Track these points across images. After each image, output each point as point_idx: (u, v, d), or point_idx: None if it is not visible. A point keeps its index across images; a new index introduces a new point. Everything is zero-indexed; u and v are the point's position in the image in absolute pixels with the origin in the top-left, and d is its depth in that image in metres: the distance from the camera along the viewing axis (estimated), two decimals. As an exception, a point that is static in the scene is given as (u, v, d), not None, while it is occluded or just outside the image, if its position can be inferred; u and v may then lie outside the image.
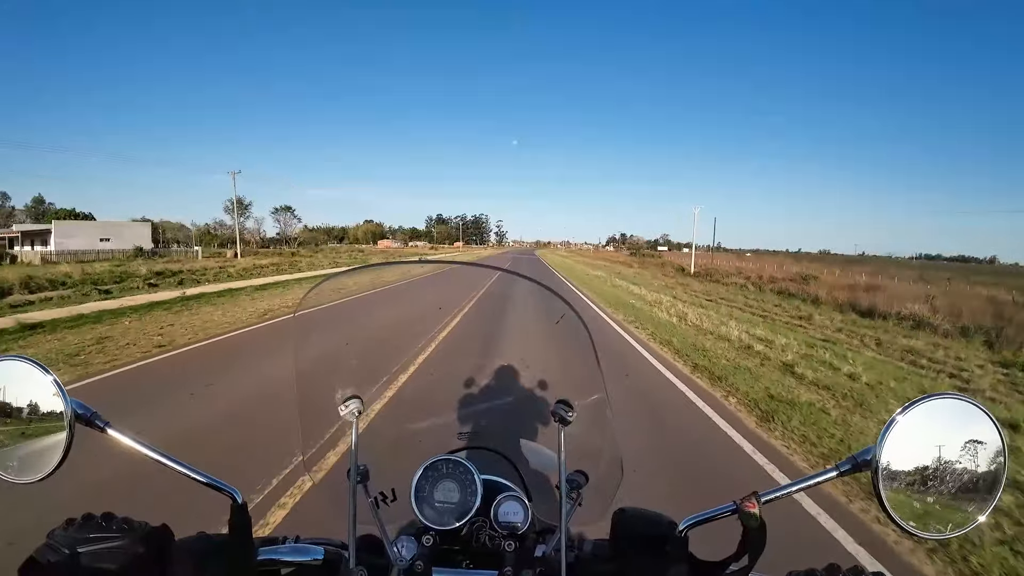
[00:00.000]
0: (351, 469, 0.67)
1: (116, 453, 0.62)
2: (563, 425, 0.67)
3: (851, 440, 3.88)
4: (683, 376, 5.75)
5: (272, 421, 3.78)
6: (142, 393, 4.72)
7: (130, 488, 2.62)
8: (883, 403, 4.93)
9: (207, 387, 4.79)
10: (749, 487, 0.57)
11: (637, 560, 0.61)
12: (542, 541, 0.73)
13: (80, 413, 0.57)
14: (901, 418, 0.51)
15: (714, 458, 3.56)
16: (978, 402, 0.52)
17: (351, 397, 0.69)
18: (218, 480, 0.61)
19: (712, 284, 23.75)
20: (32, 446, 0.57)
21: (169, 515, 0.64)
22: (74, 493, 2.44)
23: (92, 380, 5.07)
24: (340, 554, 0.66)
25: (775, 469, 3.37)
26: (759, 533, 0.54)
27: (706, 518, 0.59)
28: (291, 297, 12.64)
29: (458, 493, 0.74)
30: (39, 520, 0.59)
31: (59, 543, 0.55)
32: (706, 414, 4.45)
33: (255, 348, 6.79)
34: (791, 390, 5.21)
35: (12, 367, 0.57)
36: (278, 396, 4.32)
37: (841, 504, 2.88)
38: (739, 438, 3.90)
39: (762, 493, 0.56)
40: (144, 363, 5.83)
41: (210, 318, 9.17)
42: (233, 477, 0.63)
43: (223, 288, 14.69)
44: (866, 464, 0.52)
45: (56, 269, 19.01)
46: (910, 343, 9.24)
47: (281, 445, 3.23)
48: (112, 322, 8.55)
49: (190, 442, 3.45)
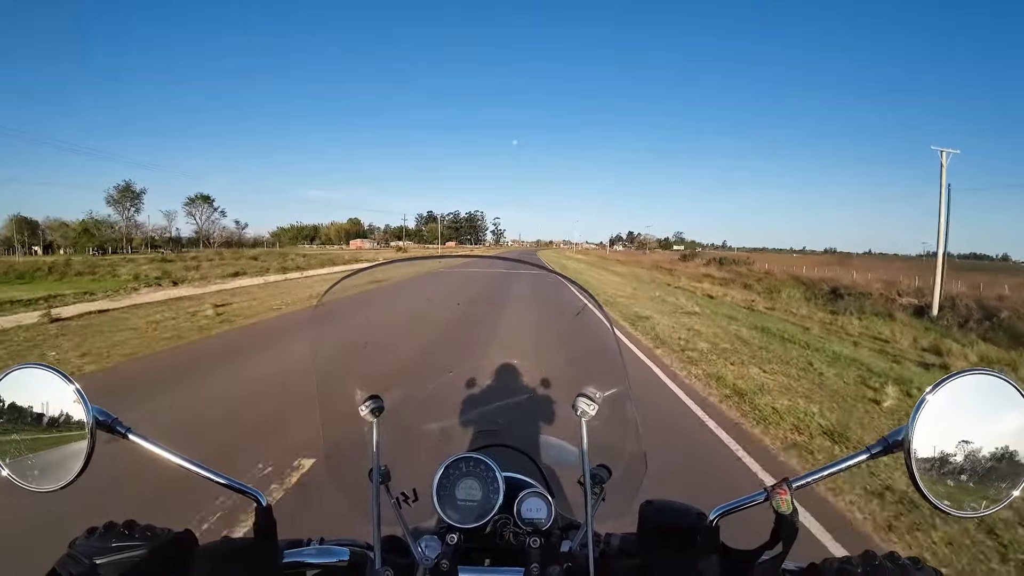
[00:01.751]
0: (373, 469, 0.67)
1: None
2: (585, 418, 0.67)
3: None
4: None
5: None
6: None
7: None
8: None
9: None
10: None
11: (667, 552, 0.61)
12: (567, 537, 0.72)
13: (101, 420, 0.56)
14: (931, 397, 0.51)
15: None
16: (1008, 377, 0.52)
17: (371, 397, 0.69)
18: (241, 483, 0.61)
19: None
20: (53, 454, 0.57)
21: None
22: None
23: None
24: (365, 555, 0.66)
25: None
26: (791, 520, 0.54)
27: (737, 507, 0.58)
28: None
29: (480, 491, 0.74)
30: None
31: (80, 553, 0.54)
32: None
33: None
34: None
35: (32, 375, 0.57)
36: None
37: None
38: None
39: (793, 479, 0.55)
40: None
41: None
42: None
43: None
44: (898, 445, 0.52)
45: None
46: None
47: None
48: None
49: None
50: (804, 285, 25.16)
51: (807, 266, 39.54)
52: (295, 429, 3.58)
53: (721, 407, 4.54)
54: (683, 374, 5.67)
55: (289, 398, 4.25)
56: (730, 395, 4.85)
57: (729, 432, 3.90)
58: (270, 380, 5.07)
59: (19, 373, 0.58)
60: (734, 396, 4.81)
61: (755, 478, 3.15)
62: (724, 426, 4.04)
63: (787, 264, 40.73)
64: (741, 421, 4.18)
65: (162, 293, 14.38)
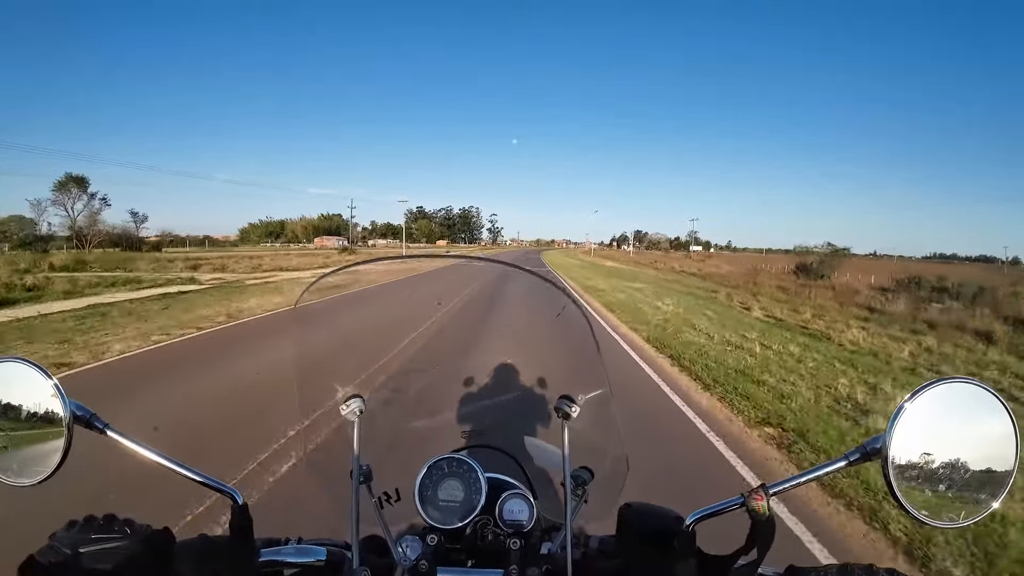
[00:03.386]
0: (353, 469, 0.67)
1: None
2: (566, 420, 0.67)
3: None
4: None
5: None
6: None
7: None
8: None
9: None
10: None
11: (645, 555, 0.60)
12: (548, 539, 0.72)
13: (79, 415, 0.56)
14: (909, 405, 0.50)
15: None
16: (987, 385, 0.52)
17: (353, 396, 0.69)
18: (218, 481, 0.61)
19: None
20: (31, 448, 0.57)
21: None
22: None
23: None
24: (343, 555, 0.66)
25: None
26: (768, 526, 0.54)
27: (713, 512, 0.58)
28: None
29: (462, 492, 0.74)
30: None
31: (60, 544, 0.55)
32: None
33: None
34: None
35: (9, 368, 0.57)
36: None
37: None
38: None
39: (770, 485, 0.55)
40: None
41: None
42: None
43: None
44: (876, 453, 0.51)
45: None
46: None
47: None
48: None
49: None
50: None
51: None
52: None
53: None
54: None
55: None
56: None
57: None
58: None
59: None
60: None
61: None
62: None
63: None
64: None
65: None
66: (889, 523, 2.64)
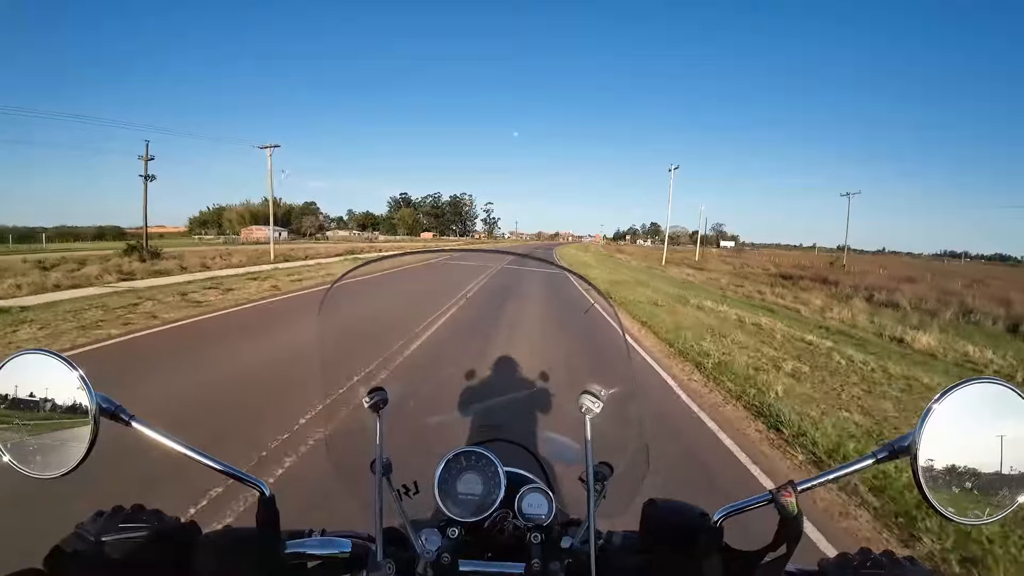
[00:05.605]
0: (376, 461, 0.67)
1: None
2: (589, 416, 0.67)
3: None
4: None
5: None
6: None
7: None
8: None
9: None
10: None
11: (670, 551, 0.61)
12: (567, 533, 0.72)
13: (105, 407, 0.56)
14: (937, 406, 0.51)
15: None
16: (1014, 386, 0.52)
17: (376, 389, 0.69)
18: (243, 472, 0.61)
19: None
20: (56, 440, 0.56)
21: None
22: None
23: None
24: (367, 547, 0.66)
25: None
26: (796, 522, 0.54)
27: (741, 508, 0.59)
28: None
29: (481, 485, 0.74)
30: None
31: (86, 533, 0.56)
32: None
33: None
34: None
35: (35, 360, 0.57)
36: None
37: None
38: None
39: (799, 482, 0.55)
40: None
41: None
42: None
43: None
44: (904, 451, 0.52)
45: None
46: None
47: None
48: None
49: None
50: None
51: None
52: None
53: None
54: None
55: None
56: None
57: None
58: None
59: (22, 359, 0.57)
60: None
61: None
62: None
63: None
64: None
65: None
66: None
